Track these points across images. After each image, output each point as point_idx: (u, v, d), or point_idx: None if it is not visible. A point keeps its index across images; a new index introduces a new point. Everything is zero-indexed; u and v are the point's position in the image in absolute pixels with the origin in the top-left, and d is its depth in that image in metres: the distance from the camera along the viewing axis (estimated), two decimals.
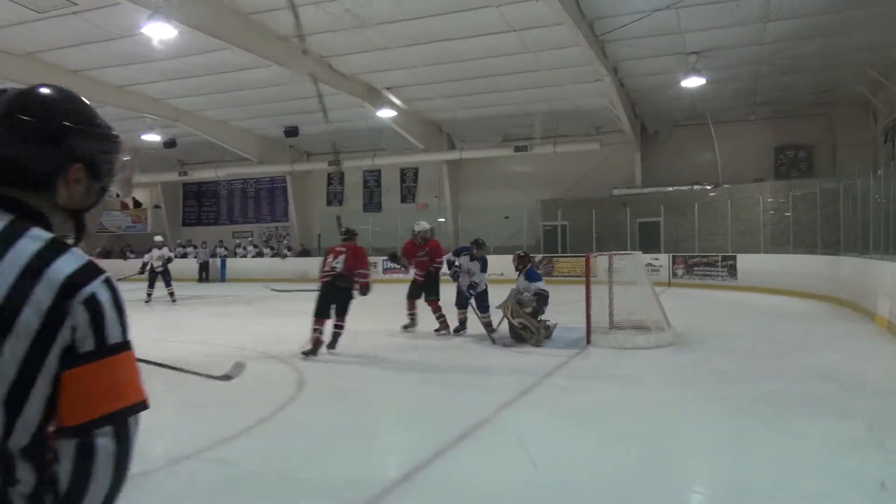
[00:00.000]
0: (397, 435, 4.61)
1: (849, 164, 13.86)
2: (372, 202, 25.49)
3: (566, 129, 20.66)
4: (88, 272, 1.01)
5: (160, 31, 11.23)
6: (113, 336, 1.01)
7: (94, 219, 1.20)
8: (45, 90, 1.12)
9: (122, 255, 26.52)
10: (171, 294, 14.51)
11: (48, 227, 1.05)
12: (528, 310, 8.14)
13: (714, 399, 5.31)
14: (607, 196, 20.69)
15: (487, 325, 8.51)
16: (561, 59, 14.79)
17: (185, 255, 24.65)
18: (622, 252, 9.84)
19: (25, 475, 0.98)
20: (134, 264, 25.25)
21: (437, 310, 8.97)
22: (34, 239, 1.00)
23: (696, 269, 17.48)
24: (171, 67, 15.59)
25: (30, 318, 0.95)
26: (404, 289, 9.51)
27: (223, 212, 28.31)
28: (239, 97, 18.43)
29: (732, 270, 16.50)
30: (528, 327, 8.04)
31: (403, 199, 25.00)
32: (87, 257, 1.03)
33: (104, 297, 1.02)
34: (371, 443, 4.43)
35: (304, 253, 24.40)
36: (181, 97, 18.41)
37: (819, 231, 14.19)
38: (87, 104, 1.16)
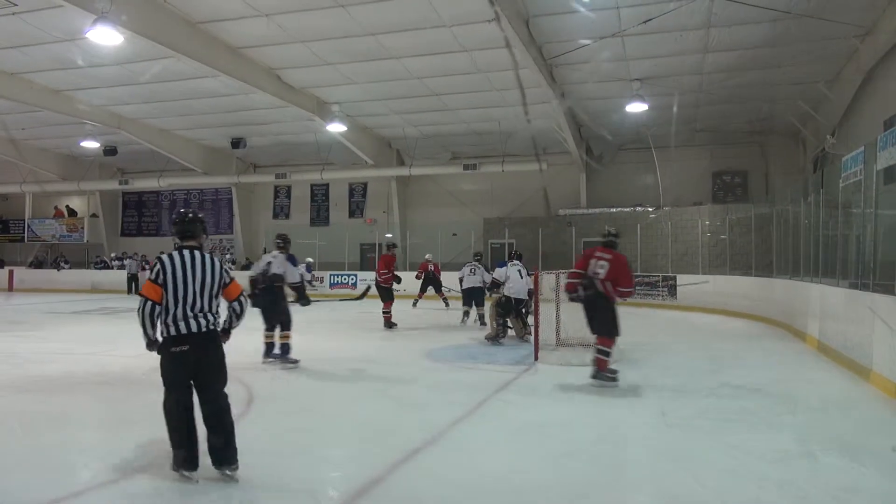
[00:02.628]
0: (350, 450, 4.58)
1: (781, 191, 14.55)
2: (319, 216, 25.29)
3: (514, 149, 21.04)
4: (221, 261, 4.13)
5: (105, 37, 10.91)
6: (230, 277, 4.09)
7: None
8: (198, 216, 4.15)
9: (56, 266, 25.50)
10: None
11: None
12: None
13: (656, 414, 5.47)
14: (553, 215, 21.11)
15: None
16: (510, 81, 15.08)
17: (122, 267, 24.02)
18: (569, 270, 10.03)
19: (237, 307, 4.10)
20: (67, 274, 24.51)
21: None
22: (207, 255, 4.01)
23: (637, 288, 17.96)
24: (114, 74, 15.17)
25: (218, 273, 4.00)
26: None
27: (165, 222, 27.54)
28: (185, 106, 18.07)
29: (672, 290, 17.02)
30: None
31: (352, 214, 24.90)
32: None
33: (226, 267, 4.13)
34: (322, 458, 4.39)
35: (250, 266, 23.94)
36: (124, 104, 17.92)
37: (753, 253, 14.81)
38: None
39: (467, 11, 11.38)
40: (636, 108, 15.42)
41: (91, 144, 21.51)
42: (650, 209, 19.73)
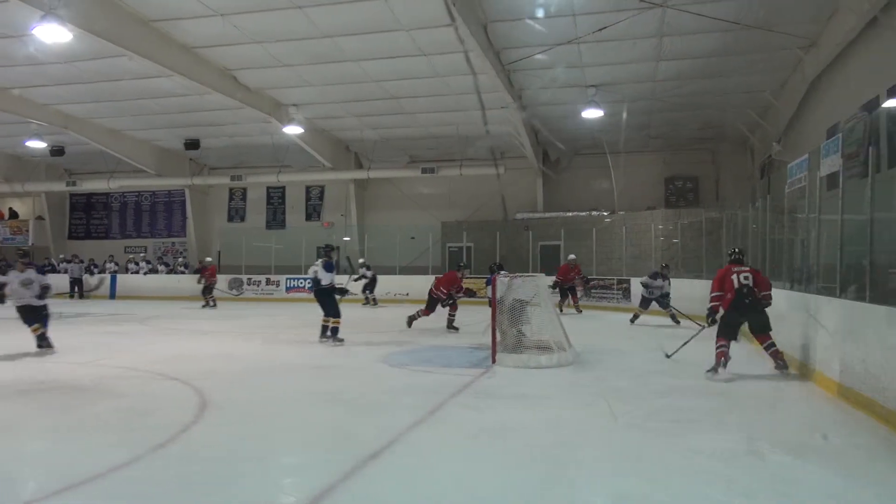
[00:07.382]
0: (305, 457, 4.53)
1: (730, 196, 15.00)
2: (276, 219, 24.98)
3: (472, 153, 21.16)
4: None
5: (52, 34, 10.57)
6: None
7: None
8: None
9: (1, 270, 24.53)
10: None
11: None
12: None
13: (611, 416, 5.57)
14: (510, 219, 21.29)
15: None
16: (468, 86, 15.17)
17: (66, 271, 23.25)
18: (526, 274, 10.13)
19: None
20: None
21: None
22: None
23: (593, 291, 18.23)
24: (61, 71, 14.73)
25: None
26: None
27: (115, 225, 26.85)
28: (136, 106, 17.65)
29: (626, 293, 17.32)
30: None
31: (308, 217, 24.68)
32: None
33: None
34: (277, 465, 4.33)
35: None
36: (72, 103, 17.41)
37: (704, 257, 15.19)
38: None
39: (425, 15, 11.42)
40: (592, 114, 15.69)
41: (37, 144, 20.80)
42: (605, 213, 20.06)
